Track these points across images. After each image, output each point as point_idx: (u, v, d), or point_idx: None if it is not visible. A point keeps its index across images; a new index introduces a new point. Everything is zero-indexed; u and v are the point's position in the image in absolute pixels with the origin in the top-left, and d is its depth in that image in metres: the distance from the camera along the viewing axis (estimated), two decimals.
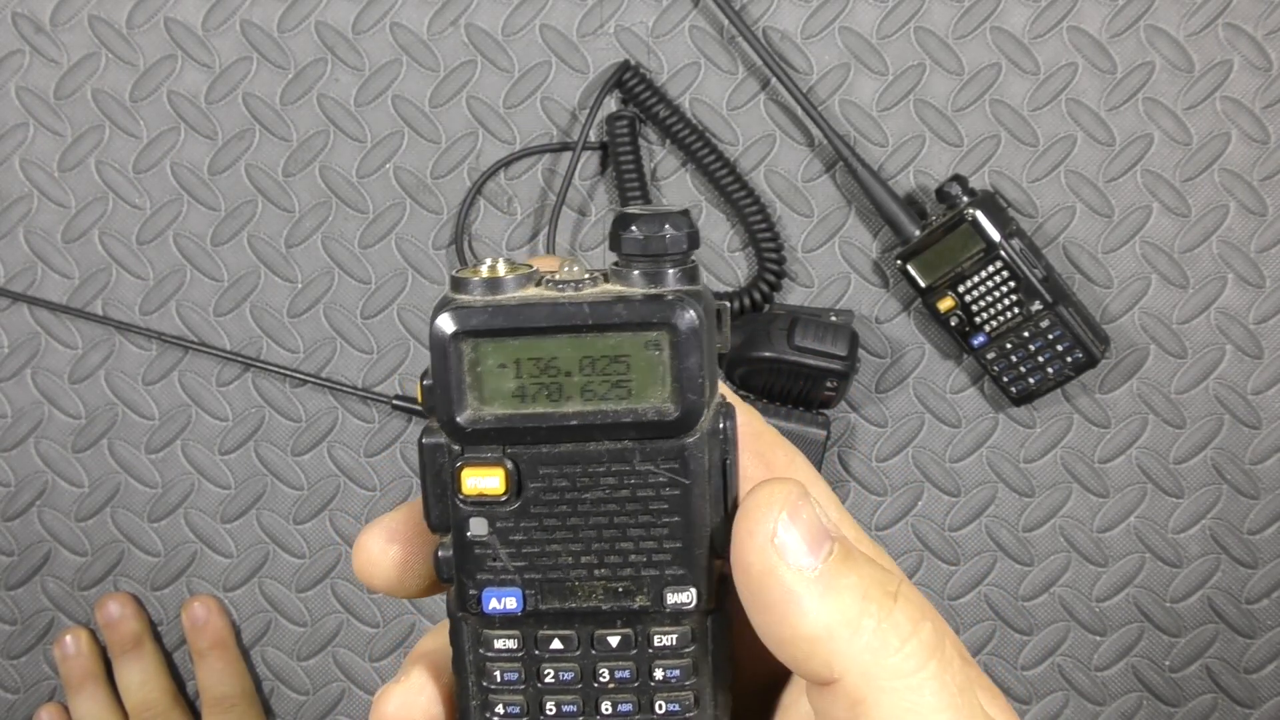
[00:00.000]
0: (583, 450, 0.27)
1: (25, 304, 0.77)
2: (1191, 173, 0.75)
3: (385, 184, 0.77)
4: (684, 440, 0.26)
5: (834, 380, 0.71)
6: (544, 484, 0.27)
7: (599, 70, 0.76)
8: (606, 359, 0.26)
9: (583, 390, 0.26)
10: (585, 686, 0.28)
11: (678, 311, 0.26)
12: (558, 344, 0.26)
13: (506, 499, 0.27)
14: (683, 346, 0.26)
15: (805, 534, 0.27)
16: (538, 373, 0.26)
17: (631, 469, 0.27)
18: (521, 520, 0.27)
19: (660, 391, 0.26)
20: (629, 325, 0.26)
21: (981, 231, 0.70)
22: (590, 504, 0.27)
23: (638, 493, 0.27)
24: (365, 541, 0.30)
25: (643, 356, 0.26)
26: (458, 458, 0.27)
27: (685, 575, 0.28)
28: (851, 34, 0.75)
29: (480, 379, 0.26)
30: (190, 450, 0.78)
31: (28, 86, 0.77)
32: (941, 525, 0.77)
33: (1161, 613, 0.77)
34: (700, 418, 0.26)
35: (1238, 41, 0.74)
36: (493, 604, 0.28)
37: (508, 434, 0.26)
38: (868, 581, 0.27)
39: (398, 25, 0.76)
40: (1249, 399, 0.76)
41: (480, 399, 0.26)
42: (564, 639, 0.28)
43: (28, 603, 0.79)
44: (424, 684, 0.31)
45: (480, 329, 0.26)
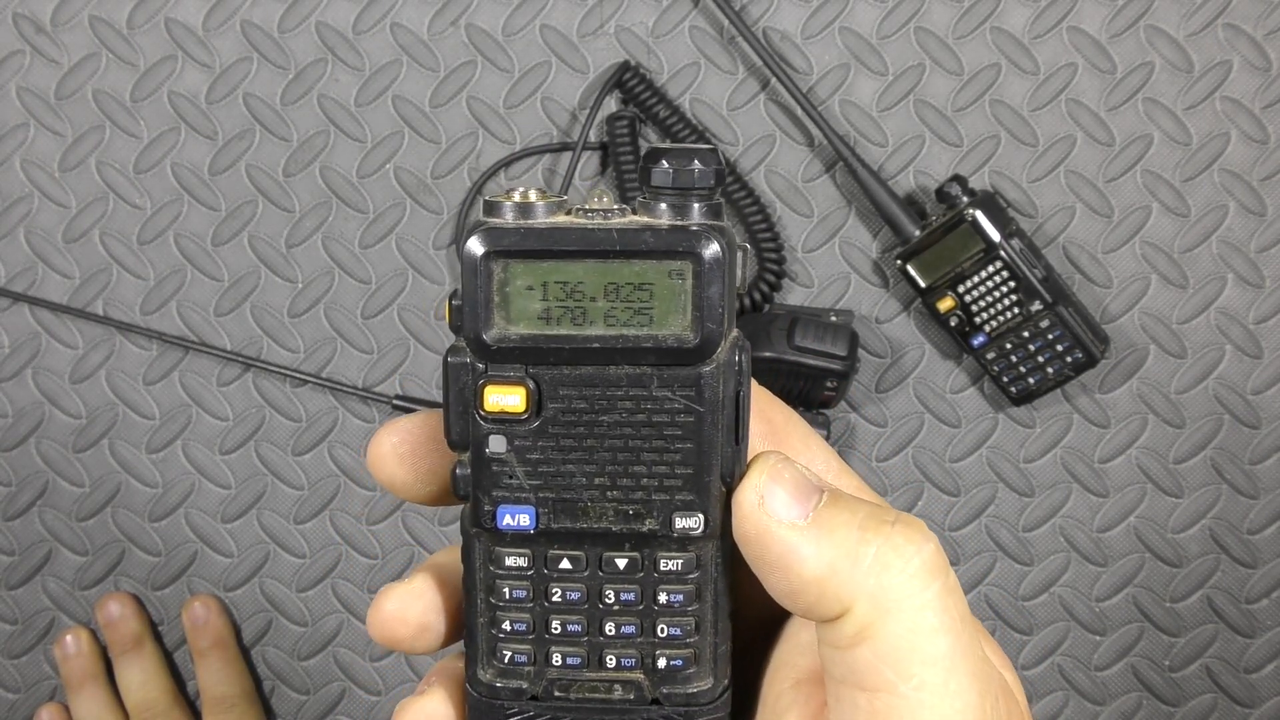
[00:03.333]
0: (602, 373, 0.27)
1: (26, 304, 0.77)
2: (1191, 173, 0.75)
3: (385, 184, 0.77)
4: (700, 369, 0.27)
5: (834, 380, 0.71)
6: (563, 405, 0.28)
7: (599, 70, 0.76)
8: (630, 285, 0.27)
9: (606, 315, 0.27)
10: (591, 607, 0.29)
11: (702, 242, 0.26)
12: (584, 269, 0.27)
13: (526, 417, 0.28)
14: (705, 276, 0.27)
15: (790, 491, 0.28)
16: (563, 296, 0.27)
17: (649, 394, 0.27)
18: (539, 439, 0.28)
19: (681, 319, 0.27)
20: (654, 253, 0.27)
21: (981, 232, 0.70)
22: (607, 427, 0.28)
23: (653, 418, 0.28)
24: (380, 437, 0.31)
25: (666, 285, 0.27)
26: (481, 375, 0.27)
27: (694, 501, 0.28)
28: (851, 34, 0.75)
29: (508, 299, 0.27)
30: (191, 450, 0.78)
31: (28, 87, 0.77)
32: (941, 525, 0.77)
33: (1161, 612, 0.77)
34: (718, 347, 0.27)
35: (1237, 42, 0.74)
36: (506, 520, 0.28)
37: (531, 354, 0.27)
38: (862, 516, 0.28)
39: (398, 25, 0.76)
40: (1249, 399, 0.76)
41: (507, 318, 0.27)
42: (573, 559, 0.29)
43: (28, 602, 0.79)
44: (426, 589, 0.32)
45: (510, 250, 0.27)
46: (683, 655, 0.29)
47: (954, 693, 0.27)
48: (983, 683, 0.28)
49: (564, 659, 0.29)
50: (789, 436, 0.32)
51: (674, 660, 0.29)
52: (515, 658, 0.29)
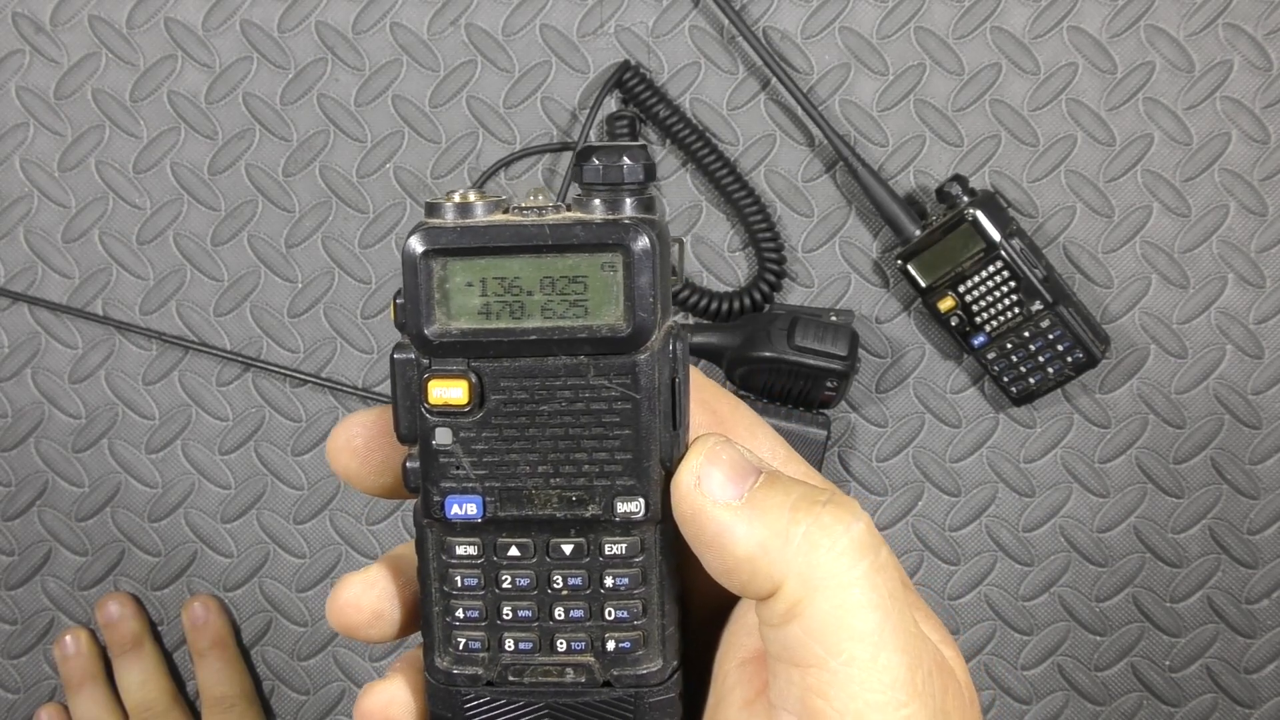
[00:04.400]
0: (541, 365, 0.28)
1: (25, 304, 0.77)
2: (1192, 173, 0.75)
3: (385, 184, 0.77)
4: (635, 357, 0.28)
5: (834, 380, 0.71)
6: (505, 396, 0.29)
7: (599, 70, 0.76)
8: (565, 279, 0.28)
9: (543, 308, 0.28)
10: (540, 593, 0.30)
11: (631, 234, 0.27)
12: (520, 264, 0.28)
13: (469, 409, 0.29)
14: (635, 267, 0.28)
15: (727, 472, 0.29)
16: (501, 291, 0.28)
17: (586, 383, 0.28)
18: (483, 430, 0.29)
19: (614, 310, 0.28)
20: (586, 246, 0.28)
21: (982, 231, 0.70)
22: (547, 416, 0.29)
23: (591, 406, 0.29)
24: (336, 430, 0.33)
25: (598, 277, 0.28)
26: (425, 370, 0.29)
27: (635, 486, 0.29)
28: (852, 34, 0.75)
29: (448, 295, 0.28)
30: (190, 450, 0.78)
31: (28, 86, 0.77)
32: (942, 525, 0.77)
33: (1162, 613, 0.77)
34: (650, 336, 0.28)
35: (1238, 41, 0.74)
36: (455, 510, 0.29)
37: (472, 347, 0.28)
38: (795, 496, 0.29)
39: (398, 25, 0.76)
40: (1249, 399, 0.76)
41: (447, 314, 0.28)
42: (521, 546, 0.30)
43: (28, 602, 0.79)
44: (380, 578, 0.33)
45: (448, 248, 0.28)
46: (630, 637, 0.30)
47: (883, 667, 0.28)
48: (913, 656, 0.28)
49: (516, 644, 0.30)
50: (735, 426, 0.33)
51: (622, 643, 0.30)
52: (469, 644, 0.30)
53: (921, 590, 0.77)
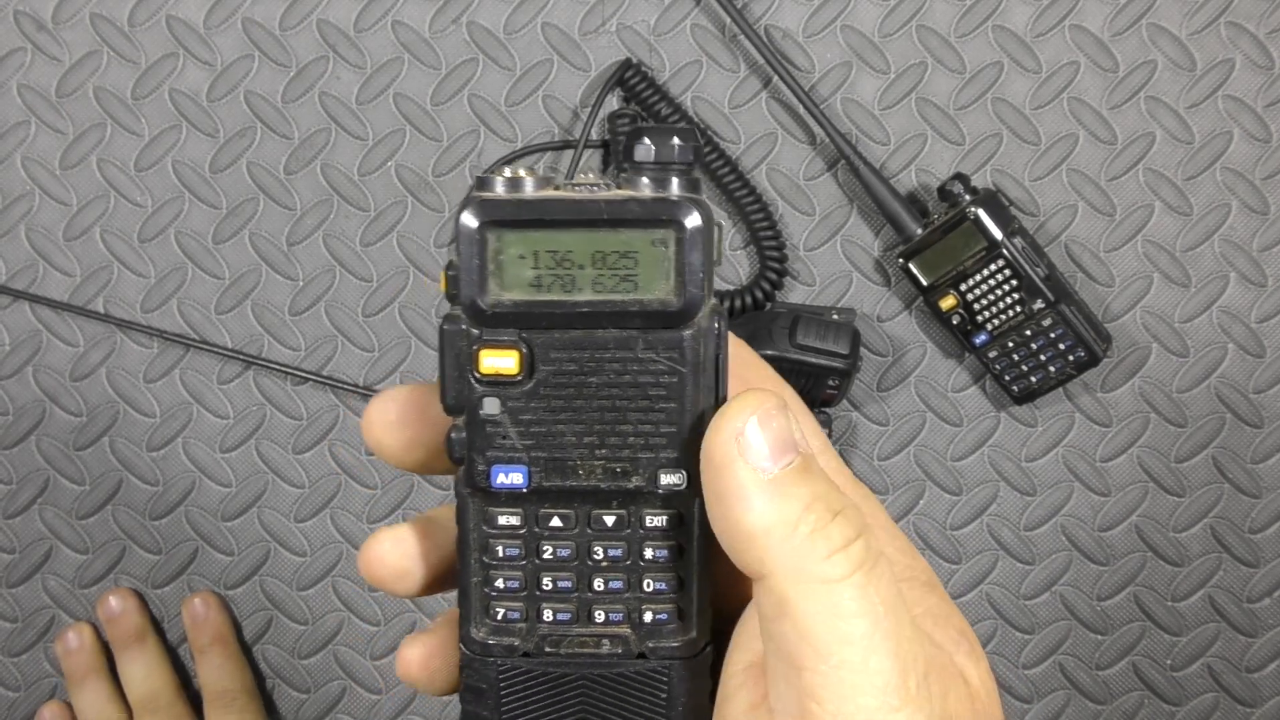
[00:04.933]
0: (591, 337, 0.29)
1: (26, 301, 0.77)
2: (1193, 171, 0.75)
3: (387, 182, 0.77)
4: (682, 332, 0.29)
5: (836, 378, 0.71)
6: (554, 367, 0.29)
7: (601, 68, 0.76)
8: (617, 253, 0.28)
9: (594, 282, 0.28)
10: (580, 564, 0.30)
11: (685, 210, 0.28)
12: (573, 238, 0.28)
13: (520, 379, 0.29)
14: (687, 244, 0.28)
15: (771, 440, 0.28)
16: (554, 264, 0.28)
17: (634, 356, 0.29)
18: (532, 401, 0.29)
19: (664, 285, 0.28)
20: (639, 222, 0.28)
21: (983, 230, 0.70)
22: (595, 388, 0.29)
23: (639, 379, 0.29)
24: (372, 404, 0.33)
25: (650, 252, 0.28)
26: (476, 340, 0.29)
27: (677, 458, 0.30)
28: (853, 32, 0.75)
29: (501, 267, 0.29)
30: (191, 448, 0.78)
31: (29, 84, 0.77)
32: (943, 524, 0.77)
33: (1163, 612, 0.77)
34: (699, 311, 0.29)
35: (1240, 40, 0.74)
36: (500, 479, 0.30)
37: (524, 318, 0.29)
38: (815, 495, 0.29)
39: (399, 23, 0.76)
40: (1251, 398, 0.76)
41: (500, 285, 0.29)
42: (563, 517, 0.30)
43: (28, 600, 0.79)
44: (408, 537, 0.34)
45: (503, 220, 0.28)
46: (667, 610, 0.31)
47: (874, 670, 0.28)
48: (905, 662, 0.29)
49: (555, 615, 0.30)
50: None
51: (659, 614, 0.31)
52: (509, 615, 0.31)
53: None
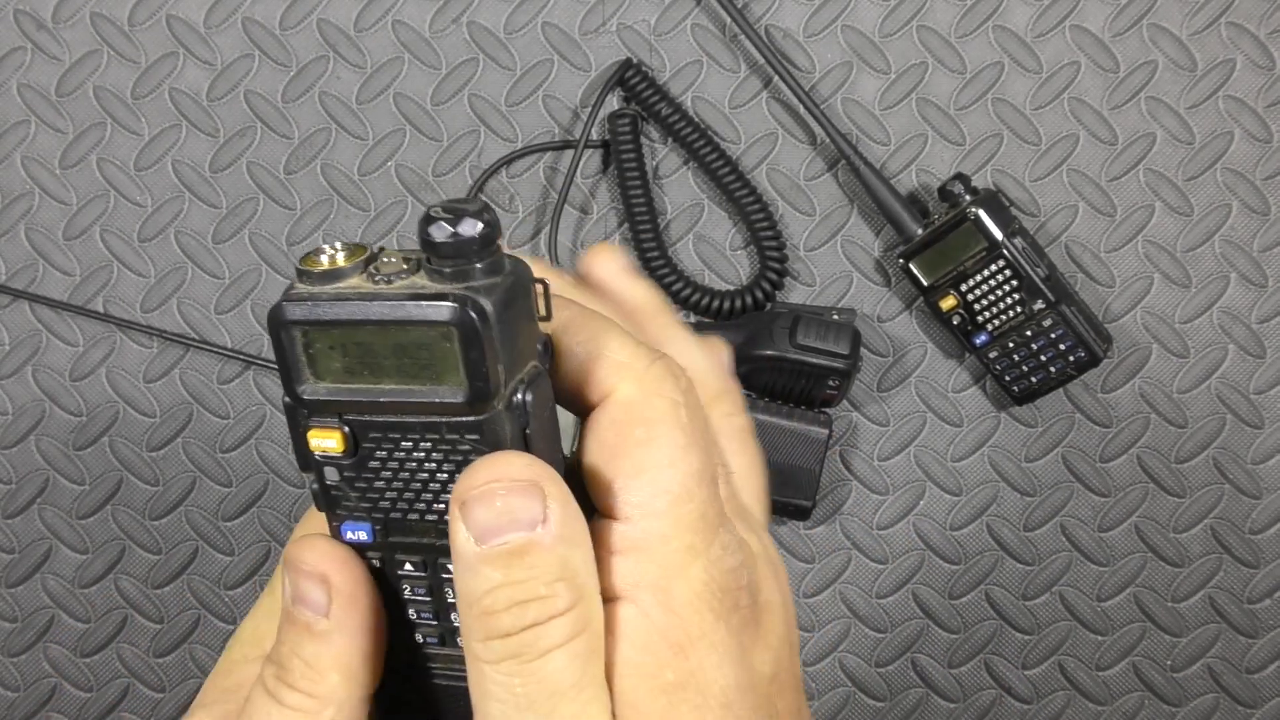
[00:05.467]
0: (402, 421, 0.30)
1: (26, 301, 0.77)
2: (1194, 172, 0.75)
3: (387, 182, 0.77)
4: (480, 418, 0.30)
5: (836, 379, 0.71)
6: (374, 444, 0.31)
7: (601, 68, 0.76)
8: (414, 345, 0.30)
9: (398, 370, 0.30)
10: (435, 601, 0.33)
11: (457, 313, 0.29)
12: (371, 334, 0.30)
13: (344, 455, 0.31)
14: (466, 341, 0.29)
15: (488, 519, 0.29)
16: (359, 354, 0.30)
17: (441, 437, 0.30)
18: (361, 471, 0.31)
19: (455, 376, 0.30)
20: (419, 322, 0.29)
21: (984, 230, 0.70)
22: (415, 462, 0.31)
23: (450, 456, 0.31)
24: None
25: (439, 346, 0.29)
26: (305, 420, 0.31)
27: None
28: (854, 32, 0.75)
29: (313, 359, 0.30)
30: (191, 448, 0.78)
31: (29, 83, 0.77)
32: (943, 524, 0.77)
33: (1164, 612, 0.77)
34: (489, 401, 0.30)
35: (1240, 40, 0.74)
36: (349, 535, 0.32)
37: (340, 405, 0.31)
38: (506, 580, 0.29)
39: (399, 23, 0.76)
40: (1251, 398, 0.76)
41: (315, 375, 0.30)
42: (413, 563, 0.32)
43: (28, 600, 0.78)
44: None
45: (305, 319, 0.30)
46: None
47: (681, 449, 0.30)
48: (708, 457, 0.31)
49: (424, 639, 0.33)
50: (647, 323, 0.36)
51: None
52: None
53: (923, 589, 0.77)
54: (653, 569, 0.29)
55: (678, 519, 0.30)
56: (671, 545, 0.30)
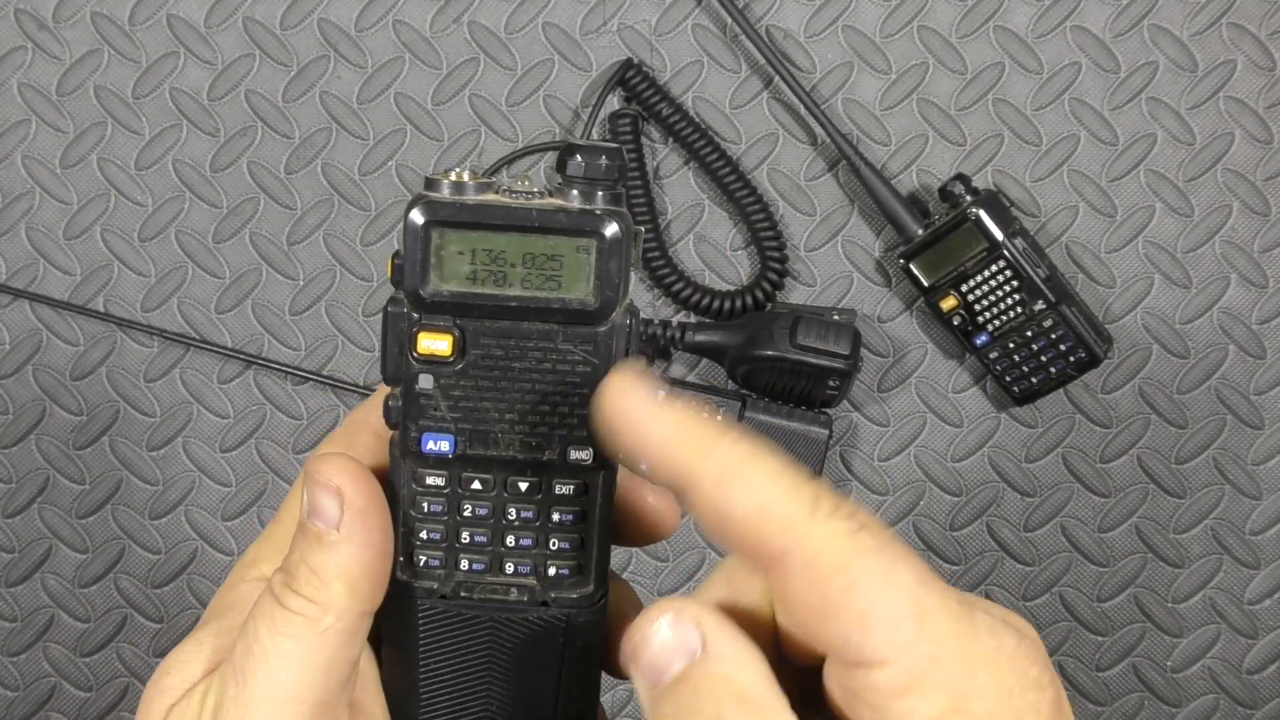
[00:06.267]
0: (517, 327, 0.32)
1: (27, 300, 0.77)
2: (1195, 173, 0.75)
3: (388, 181, 0.76)
4: (598, 328, 0.32)
5: (836, 379, 0.71)
6: (483, 351, 0.33)
7: (602, 68, 0.76)
8: (544, 256, 0.32)
9: (523, 279, 0.32)
10: (495, 522, 0.34)
11: (604, 223, 0.32)
12: (506, 240, 0.32)
13: (452, 360, 0.33)
14: (606, 252, 0.32)
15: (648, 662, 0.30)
16: (488, 261, 0.32)
17: (554, 346, 0.32)
18: (461, 379, 0.33)
19: (584, 286, 0.32)
20: (565, 230, 0.32)
21: (984, 231, 0.70)
22: (518, 372, 0.33)
23: (557, 366, 0.33)
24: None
25: (573, 257, 0.32)
26: (415, 323, 0.32)
27: (586, 438, 0.33)
28: (854, 33, 0.75)
29: (441, 261, 0.32)
30: (191, 447, 0.78)
31: (30, 83, 0.76)
32: (944, 525, 0.77)
33: (1164, 613, 0.77)
34: (614, 311, 0.32)
35: (1241, 41, 0.74)
36: (429, 445, 0.33)
37: (459, 307, 0.32)
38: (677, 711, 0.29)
39: (400, 23, 0.76)
40: (1252, 399, 0.76)
41: (440, 277, 0.32)
42: (483, 481, 0.34)
43: (27, 600, 0.78)
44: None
45: (446, 220, 0.31)
46: (569, 565, 0.35)
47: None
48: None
49: (470, 565, 0.34)
50: None
51: (561, 569, 0.34)
52: (430, 562, 0.34)
53: None
54: (941, 697, 0.28)
55: (935, 636, 0.28)
56: (945, 666, 0.28)
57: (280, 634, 0.31)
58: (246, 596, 0.34)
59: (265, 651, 0.31)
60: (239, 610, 0.34)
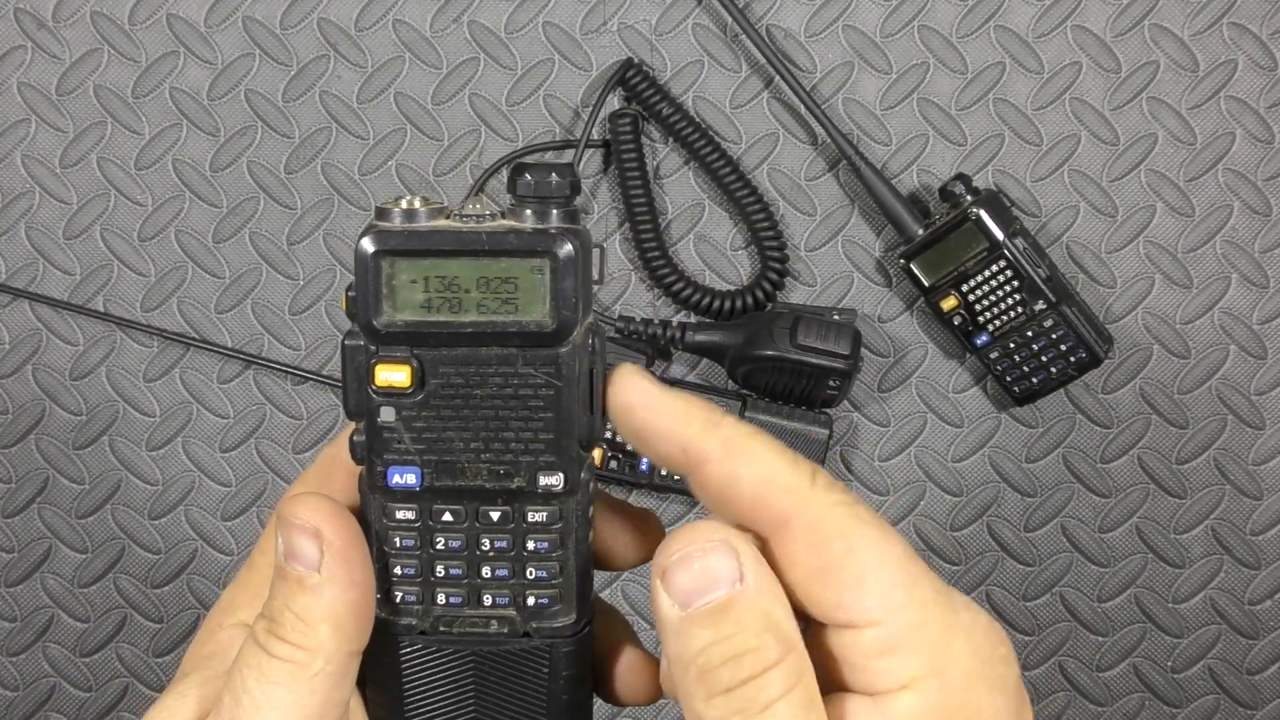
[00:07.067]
0: (476, 354, 0.32)
1: (26, 300, 0.77)
2: (1195, 172, 0.75)
3: (388, 181, 0.76)
4: (558, 349, 0.32)
5: (836, 379, 0.71)
6: (443, 380, 0.32)
7: (602, 68, 0.76)
8: (499, 279, 0.31)
9: (478, 304, 0.32)
10: (469, 553, 0.33)
11: (558, 242, 0.31)
12: (459, 265, 0.31)
13: (411, 391, 0.32)
14: (559, 272, 0.31)
15: (691, 581, 0.30)
16: (442, 288, 0.32)
17: (515, 371, 0.32)
18: (422, 410, 0.32)
19: (541, 308, 0.31)
20: (517, 252, 0.31)
21: (985, 230, 0.70)
22: (480, 399, 0.32)
23: (519, 391, 0.32)
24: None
25: (528, 278, 0.31)
26: (372, 355, 0.32)
27: (555, 462, 0.33)
28: (855, 32, 0.75)
29: (394, 290, 0.32)
30: (191, 447, 0.78)
31: (30, 82, 0.76)
32: (944, 525, 0.77)
33: (1164, 613, 0.77)
34: (572, 331, 0.32)
35: (1242, 41, 0.74)
36: (395, 479, 0.33)
37: (415, 337, 0.32)
38: (719, 638, 0.30)
39: (400, 22, 0.76)
40: (1252, 399, 0.76)
41: (394, 307, 0.31)
42: (454, 512, 0.33)
43: (27, 600, 0.78)
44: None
45: (396, 249, 0.31)
46: (549, 594, 0.34)
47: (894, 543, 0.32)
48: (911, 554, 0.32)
49: (448, 598, 0.34)
50: None
51: (541, 599, 0.34)
52: (406, 598, 0.34)
53: None
54: (922, 658, 0.30)
55: (921, 603, 0.31)
56: (928, 631, 0.30)
57: (270, 682, 0.31)
58: (226, 645, 0.34)
59: (256, 702, 0.31)
60: (220, 659, 0.33)
